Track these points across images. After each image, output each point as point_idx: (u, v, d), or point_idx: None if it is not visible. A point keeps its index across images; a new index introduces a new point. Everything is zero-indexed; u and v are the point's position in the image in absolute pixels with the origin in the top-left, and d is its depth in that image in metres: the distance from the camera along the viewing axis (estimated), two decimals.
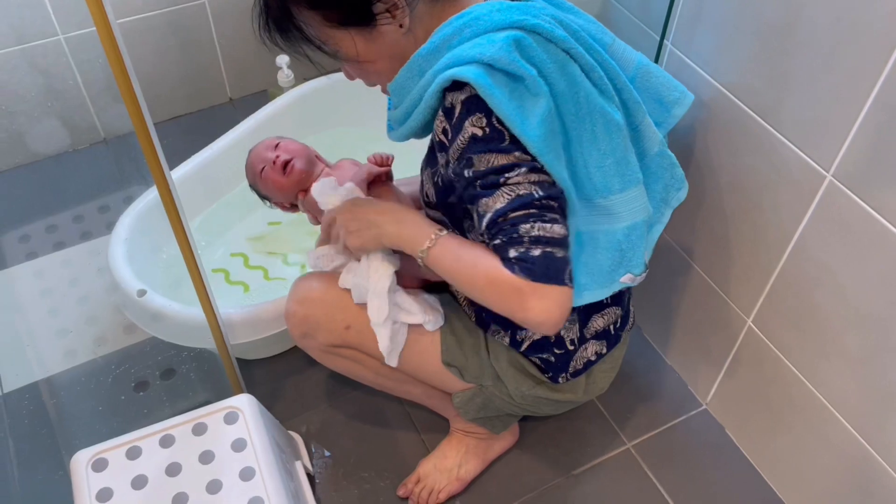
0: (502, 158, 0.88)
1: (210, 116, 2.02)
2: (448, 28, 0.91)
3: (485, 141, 0.88)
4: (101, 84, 1.85)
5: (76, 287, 1.62)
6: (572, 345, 1.10)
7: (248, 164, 1.24)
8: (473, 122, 0.88)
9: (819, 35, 0.93)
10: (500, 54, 0.85)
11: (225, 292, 1.54)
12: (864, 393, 1.06)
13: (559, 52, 0.90)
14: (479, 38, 0.88)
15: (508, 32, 0.88)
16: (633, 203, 0.98)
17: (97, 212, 1.77)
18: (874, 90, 0.89)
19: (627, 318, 1.17)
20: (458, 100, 0.88)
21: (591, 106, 0.92)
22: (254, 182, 1.25)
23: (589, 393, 1.16)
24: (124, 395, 1.43)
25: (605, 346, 1.13)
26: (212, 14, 1.88)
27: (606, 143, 0.94)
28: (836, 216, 1.00)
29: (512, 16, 0.89)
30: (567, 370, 1.11)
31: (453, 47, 0.90)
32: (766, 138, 1.06)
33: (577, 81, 0.91)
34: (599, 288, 1.00)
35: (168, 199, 0.98)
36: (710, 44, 1.11)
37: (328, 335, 1.13)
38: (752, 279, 1.19)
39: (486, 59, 0.85)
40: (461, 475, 1.29)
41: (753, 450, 1.35)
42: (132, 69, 0.86)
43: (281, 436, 1.26)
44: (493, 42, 0.87)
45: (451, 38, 0.90)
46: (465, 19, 0.90)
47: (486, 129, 0.87)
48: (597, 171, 0.94)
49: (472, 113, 0.88)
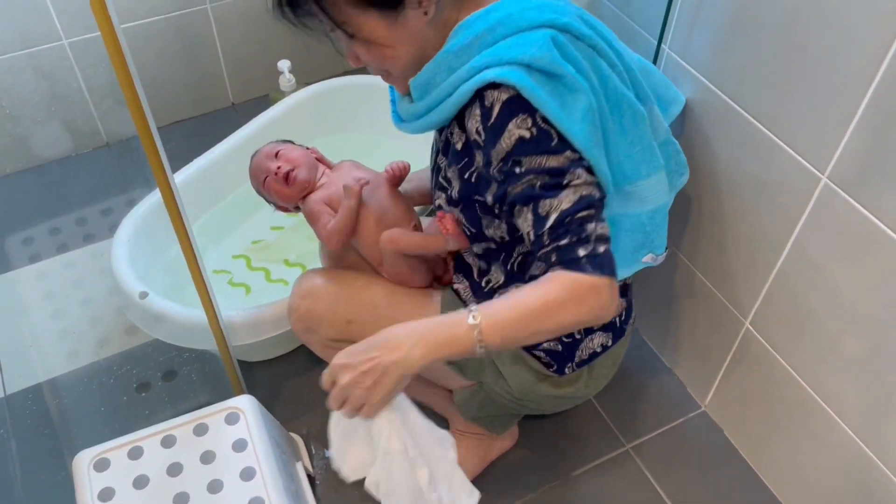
0: (554, 160, 0.88)
1: (212, 120, 2.03)
2: (480, 23, 0.91)
3: (534, 142, 0.88)
4: (105, 89, 1.86)
5: (79, 289, 1.63)
6: (579, 334, 1.10)
7: (251, 173, 1.25)
8: (518, 123, 0.88)
9: (814, 39, 0.94)
10: (541, 54, 0.87)
11: (227, 294, 1.55)
12: (861, 395, 1.07)
13: (587, 49, 0.93)
14: (516, 36, 0.89)
15: (544, 31, 0.89)
16: (657, 187, 1.02)
17: (100, 215, 1.79)
18: (868, 93, 0.90)
19: (631, 311, 1.18)
20: (500, 100, 0.88)
21: (619, 97, 0.95)
22: (258, 190, 1.25)
23: (589, 387, 1.16)
24: (126, 396, 1.44)
25: (610, 338, 1.13)
26: (214, 19, 1.90)
27: (634, 132, 0.97)
28: (832, 218, 1.01)
29: (545, 14, 0.90)
30: (573, 359, 1.11)
31: (488, 45, 0.90)
32: (763, 141, 1.07)
33: (605, 75, 0.94)
34: (623, 268, 1.04)
35: (171, 202, 0.99)
36: (706, 47, 1.12)
37: (330, 330, 1.14)
38: (750, 281, 1.20)
39: (527, 59, 0.87)
40: None
41: (752, 452, 1.35)
42: (136, 74, 0.86)
43: (282, 437, 1.27)
44: (532, 42, 0.88)
45: (484, 34, 0.91)
46: (498, 16, 0.91)
47: (533, 131, 0.88)
48: (626, 160, 0.98)
49: (514, 114, 0.88)
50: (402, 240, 1.10)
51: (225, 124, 1.86)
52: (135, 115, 0.89)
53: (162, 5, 1.82)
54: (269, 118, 1.74)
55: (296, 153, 1.22)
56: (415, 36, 0.93)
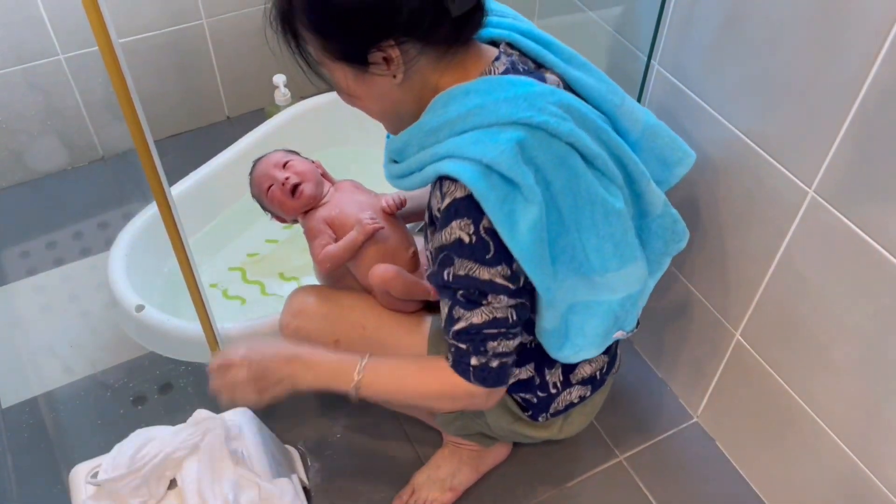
0: (485, 273, 0.91)
1: (208, 134, 2.04)
2: (454, 107, 0.90)
3: (470, 248, 0.90)
4: (101, 103, 1.87)
5: (75, 303, 1.63)
6: (555, 388, 1.12)
7: (255, 179, 1.23)
8: (462, 225, 0.89)
9: (800, 55, 0.96)
10: (502, 158, 0.85)
11: (223, 307, 1.56)
12: (850, 406, 1.08)
13: (562, 146, 0.90)
14: (484, 131, 0.88)
15: (513, 132, 0.87)
16: (629, 278, 1.01)
17: (97, 228, 1.79)
18: (853, 109, 0.91)
19: (614, 362, 1.19)
20: (453, 194, 0.89)
21: (592, 196, 0.93)
22: (258, 197, 1.24)
23: (564, 432, 1.19)
24: (123, 409, 1.45)
25: (589, 390, 1.15)
26: (210, 34, 1.91)
27: (605, 229, 0.95)
28: (819, 231, 1.03)
29: (519, 111, 0.88)
30: (548, 411, 1.14)
31: (456, 133, 0.90)
32: (751, 156, 1.09)
33: (577, 174, 0.91)
34: (594, 347, 1.05)
35: (168, 216, 1.00)
36: (696, 64, 1.13)
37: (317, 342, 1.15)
38: (740, 293, 1.22)
39: (487, 160, 0.86)
40: (454, 485, 1.30)
41: (744, 462, 1.36)
42: (134, 88, 0.88)
43: (277, 449, 1.27)
44: (496, 142, 0.86)
45: (455, 121, 0.90)
46: (472, 104, 0.89)
47: (473, 238, 0.89)
48: (595, 254, 0.96)
49: (460, 215, 0.89)
50: (392, 282, 1.11)
51: (220, 138, 1.87)
52: (132, 130, 0.90)
53: (158, 20, 1.83)
54: (264, 132, 1.75)
55: (304, 166, 1.21)
56: (384, 95, 0.94)
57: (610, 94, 1.00)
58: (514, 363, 1.01)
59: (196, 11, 1.86)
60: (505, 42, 0.98)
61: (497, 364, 0.96)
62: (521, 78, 0.91)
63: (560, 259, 0.94)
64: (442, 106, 0.91)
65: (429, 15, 0.86)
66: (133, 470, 1.05)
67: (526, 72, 0.95)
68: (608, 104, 1.00)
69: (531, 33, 0.99)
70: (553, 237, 0.92)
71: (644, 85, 1.24)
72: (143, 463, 1.06)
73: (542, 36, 1.00)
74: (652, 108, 1.25)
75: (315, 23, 0.88)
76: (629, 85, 1.26)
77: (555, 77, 0.97)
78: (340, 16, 0.86)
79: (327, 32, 0.89)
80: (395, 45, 0.87)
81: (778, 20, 0.97)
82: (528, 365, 1.10)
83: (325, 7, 0.86)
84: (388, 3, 0.84)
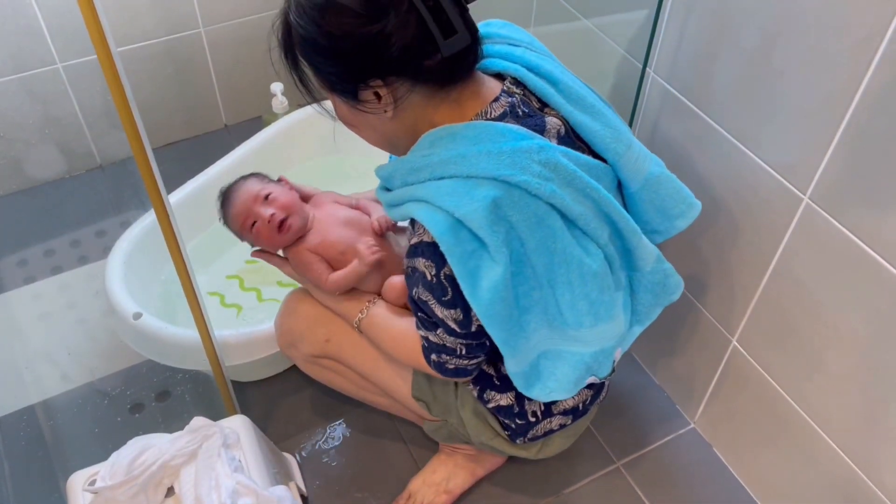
0: (438, 310, 0.96)
1: (206, 142, 2.04)
2: (436, 153, 0.91)
3: (430, 286, 0.94)
4: (99, 111, 1.88)
5: (73, 310, 1.63)
6: (534, 416, 1.12)
7: (234, 215, 1.17)
8: (426, 265, 0.93)
9: (794, 62, 0.97)
10: (474, 216, 0.86)
11: (220, 315, 1.56)
12: (846, 412, 1.09)
13: (541, 206, 0.90)
14: (462, 182, 0.88)
15: (490, 189, 0.87)
16: (604, 334, 1.01)
17: (94, 236, 1.79)
18: (847, 115, 0.92)
19: (599, 393, 1.19)
20: (421, 236, 0.92)
21: (568, 256, 0.93)
22: (239, 232, 1.19)
23: (543, 453, 1.20)
24: (120, 416, 1.45)
25: (570, 419, 1.16)
26: (207, 43, 1.92)
27: (580, 289, 0.95)
28: (814, 238, 1.03)
29: (500, 168, 0.87)
30: (525, 436, 1.15)
31: (436, 178, 0.91)
32: (746, 163, 1.09)
33: (555, 234, 0.92)
34: (566, 393, 1.04)
35: (166, 224, 1.00)
36: (690, 71, 1.14)
37: (310, 346, 1.20)
38: (736, 299, 1.22)
39: (459, 214, 0.87)
40: (450, 488, 1.31)
41: (742, 468, 1.36)
42: (132, 97, 0.88)
43: (275, 456, 1.27)
44: (471, 197, 0.87)
45: (435, 166, 0.90)
46: (454, 152, 0.89)
47: (434, 279, 0.93)
48: (569, 311, 0.97)
49: (426, 255, 0.92)
50: (405, 296, 1.11)
51: (218, 146, 1.88)
52: (131, 138, 0.90)
53: (155, 29, 1.84)
54: (261, 140, 1.76)
55: (286, 197, 1.17)
56: (376, 126, 0.96)
57: (614, 141, 0.98)
58: (479, 366, 1.04)
59: (194, 20, 1.87)
60: (511, 78, 0.97)
61: (454, 367, 1.02)
62: (513, 128, 0.90)
63: (532, 310, 0.95)
64: (428, 146, 0.92)
65: (418, 54, 0.86)
66: (130, 477, 1.05)
67: (525, 115, 0.94)
68: (611, 152, 0.99)
69: (540, 69, 0.98)
70: (526, 290, 0.93)
71: (639, 92, 1.24)
72: (140, 471, 1.06)
73: (552, 73, 0.98)
74: (647, 115, 1.26)
75: (308, 57, 0.90)
76: (624, 93, 1.27)
77: (557, 120, 0.96)
78: (330, 53, 0.87)
79: (320, 67, 0.91)
80: (383, 84, 0.88)
81: (772, 28, 0.98)
82: (508, 393, 1.10)
83: (316, 44, 0.87)
84: (377, 43, 0.84)
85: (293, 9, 0.88)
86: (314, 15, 0.85)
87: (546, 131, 0.94)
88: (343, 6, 0.84)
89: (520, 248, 0.90)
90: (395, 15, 0.83)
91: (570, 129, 0.98)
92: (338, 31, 0.85)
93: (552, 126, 0.95)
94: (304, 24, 0.87)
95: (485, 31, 1.02)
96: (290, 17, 0.89)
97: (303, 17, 0.87)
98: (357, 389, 1.25)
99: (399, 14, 0.83)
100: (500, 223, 0.88)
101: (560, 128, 0.96)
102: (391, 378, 1.18)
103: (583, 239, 0.95)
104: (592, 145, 0.99)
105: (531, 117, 0.94)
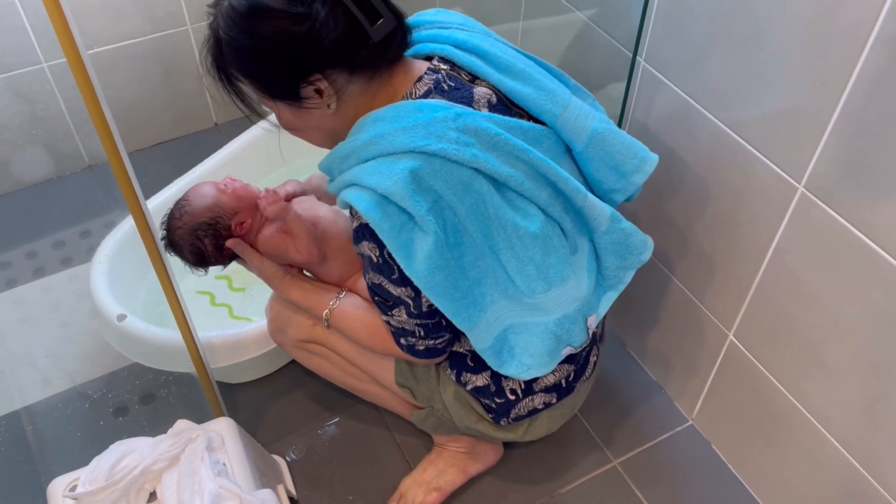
0: (391, 288, 0.97)
1: (196, 141, 2.02)
2: (359, 138, 0.93)
3: (378, 268, 0.96)
4: (86, 111, 1.84)
5: (56, 313, 1.61)
6: (513, 395, 1.11)
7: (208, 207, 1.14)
8: (370, 247, 0.95)
9: (786, 49, 0.94)
10: (395, 188, 0.88)
11: (211, 315, 1.54)
12: (845, 406, 1.06)
13: (465, 171, 0.91)
14: (382, 161, 0.90)
15: (408, 161, 0.89)
16: (561, 298, 1.01)
17: (79, 237, 1.77)
18: (840, 103, 0.90)
19: (584, 370, 1.17)
20: (358, 219, 0.94)
21: (502, 220, 0.94)
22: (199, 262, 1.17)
23: (529, 435, 1.18)
24: (103, 420, 1.42)
25: (555, 397, 1.14)
26: (195, 41, 1.90)
27: (524, 252, 0.96)
28: (810, 228, 1.01)
29: (416, 140, 0.89)
30: (508, 416, 1.13)
31: (361, 161, 0.93)
32: (739, 151, 1.07)
33: (484, 199, 0.92)
34: (542, 367, 1.04)
35: (144, 228, 0.98)
36: (681, 59, 1.12)
37: (297, 330, 1.20)
38: (731, 292, 1.19)
39: (381, 190, 0.88)
40: (440, 485, 1.28)
41: (741, 465, 1.34)
42: (104, 99, 0.86)
43: (262, 460, 1.25)
44: (391, 172, 0.89)
45: (359, 150, 0.93)
46: (373, 133, 0.91)
47: (379, 260, 0.95)
48: (519, 277, 0.97)
49: (366, 238, 0.94)
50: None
51: (208, 145, 1.85)
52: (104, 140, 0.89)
53: (142, 27, 1.82)
54: (250, 137, 1.74)
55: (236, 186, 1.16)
56: (322, 125, 0.97)
57: (549, 103, 0.99)
58: (449, 343, 1.05)
59: (181, 17, 1.85)
60: (438, 56, 0.99)
61: (423, 347, 1.03)
62: (432, 103, 0.92)
63: (484, 281, 0.97)
64: (356, 132, 0.95)
65: (350, 43, 0.89)
66: (111, 483, 1.03)
67: (452, 88, 0.95)
68: (547, 114, 0.99)
69: (466, 44, 0.99)
70: (472, 260, 0.95)
71: (630, 81, 1.22)
72: (121, 475, 1.04)
73: (479, 46, 0.99)
74: (638, 104, 1.23)
75: (245, 68, 0.92)
76: (616, 82, 1.25)
77: (486, 90, 0.98)
78: (266, 58, 0.90)
79: (258, 75, 0.93)
80: (322, 78, 0.90)
81: (764, 14, 0.95)
82: (484, 372, 1.09)
83: (251, 52, 0.90)
84: (310, 39, 0.87)
85: (221, 24, 0.90)
86: (243, 24, 0.88)
87: (475, 101, 0.96)
88: (270, 8, 0.86)
89: (452, 216, 0.92)
90: (321, 9, 0.86)
91: (504, 97, 0.99)
92: (270, 34, 0.88)
93: (481, 96, 0.97)
94: (235, 34, 0.89)
95: (415, 20, 1.05)
96: (219, 32, 0.91)
97: (232, 28, 0.89)
98: (345, 376, 1.24)
99: (325, 7, 0.86)
100: (425, 193, 0.89)
101: (490, 96, 0.97)
102: (375, 362, 1.17)
103: (519, 201, 0.95)
104: (528, 110, 1.00)
105: (458, 90, 0.96)
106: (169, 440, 1.08)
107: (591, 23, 1.28)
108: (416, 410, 1.22)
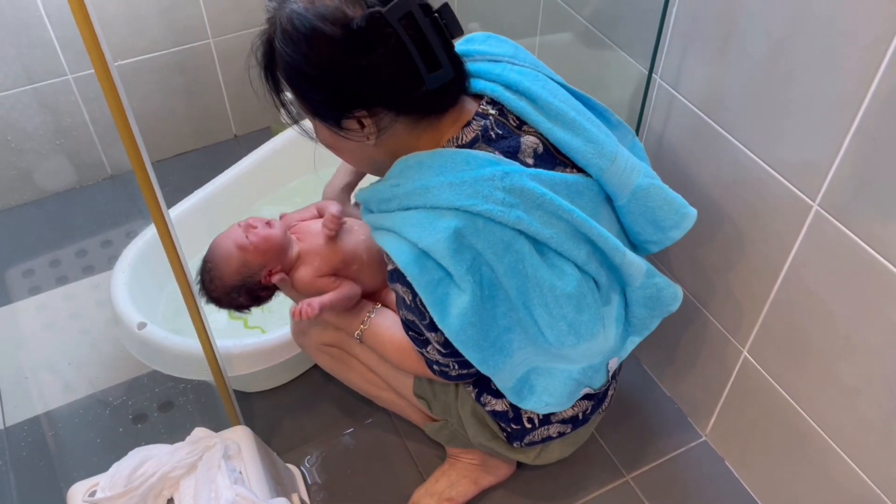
0: (422, 329, 0.99)
1: (215, 152, 2.05)
2: (403, 184, 0.91)
3: (411, 309, 0.97)
4: (109, 121, 1.88)
5: (78, 320, 1.64)
6: (530, 423, 1.12)
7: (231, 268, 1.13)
8: (402, 290, 0.95)
9: (801, 68, 0.95)
10: (437, 247, 0.87)
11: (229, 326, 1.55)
12: (859, 424, 1.06)
13: (507, 232, 0.90)
14: (427, 213, 0.89)
15: (452, 220, 0.87)
16: (588, 352, 1.02)
17: (100, 246, 1.80)
18: (856, 121, 0.90)
19: (601, 403, 1.17)
20: (394, 264, 0.93)
21: (539, 280, 0.93)
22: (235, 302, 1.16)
23: (540, 460, 1.19)
24: (122, 427, 1.44)
25: (570, 427, 1.15)
26: (217, 54, 1.93)
27: (557, 311, 0.95)
28: (824, 245, 1.01)
29: (462, 198, 0.87)
30: (522, 441, 1.14)
31: (403, 208, 0.91)
32: (754, 169, 1.07)
33: (523, 259, 0.91)
34: (561, 406, 1.05)
35: (166, 237, 1.00)
36: (697, 77, 1.12)
37: (319, 334, 1.20)
38: (746, 309, 1.19)
39: (423, 245, 0.88)
40: (452, 496, 1.29)
41: (754, 482, 1.33)
42: (130, 110, 0.88)
43: (277, 469, 1.26)
44: (434, 229, 0.88)
45: (402, 197, 0.91)
46: (419, 183, 0.90)
47: (412, 303, 0.95)
48: (549, 331, 0.96)
49: (401, 282, 0.94)
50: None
51: (228, 156, 1.88)
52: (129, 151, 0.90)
53: (164, 40, 1.85)
54: (269, 149, 1.76)
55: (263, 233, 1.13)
56: (358, 152, 0.96)
57: (596, 157, 0.97)
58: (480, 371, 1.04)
59: (203, 31, 1.88)
60: (487, 98, 0.97)
61: (456, 374, 1.03)
62: (479, 155, 0.90)
63: (514, 330, 0.96)
64: (397, 174, 0.93)
65: (404, 86, 0.87)
66: (130, 489, 1.05)
67: (499, 137, 0.93)
68: (593, 168, 0.98)
69: (519, 86, 0.97)
70: (504, 311, 0.94)
71: (646, 99, 1.23)
72: (140, 482, 1.05)
73: (530, 90, 0.97)
74: (654, 120, 1.24)
75: (292, 82, 0.90)
76: (631, 99, 1.25)
77: (534, 139, 0.96)
78: (314, 82, 0.88)
79: (303, 93, 0.90)
80: (367, 115, 0.88)
81: (779, 33, 0.96)
82: (504, 398, 1.10)
83: (301, 72, 0.87)
84: (363, 76, 0.85)
85: (279, 35, 0.87)
86: (301, 44, 0.85)
87: (521, 152, 0.94)
88: (331, 38, 0.84)
89: (490, 273, 0.91)
90: (382, 48, 0.83)
91: (551, 146, 0.97)
92: (325, 62, 0.85)
93: (528, 146, 0.95)
94: (290, 51, 0.86)
95: (465, 49, 1.03)
96: (274, 42, 0.89)
97: (289, 44, 0.86)
98: (363, 382, 1.25)
99: (387, 47, 0.84)
100: (465, 252, 0.88)
101: (537, 146, 0.96)
102: (395, 371, 1.17)
103: (557, 259, 0.94)
104: (575, 161, 0.98)
105: (505, 139, 0.94)
106: (186, 448, 1.09)
107: (608, 39, 1.29)
108: (430, 422, 1.23)
